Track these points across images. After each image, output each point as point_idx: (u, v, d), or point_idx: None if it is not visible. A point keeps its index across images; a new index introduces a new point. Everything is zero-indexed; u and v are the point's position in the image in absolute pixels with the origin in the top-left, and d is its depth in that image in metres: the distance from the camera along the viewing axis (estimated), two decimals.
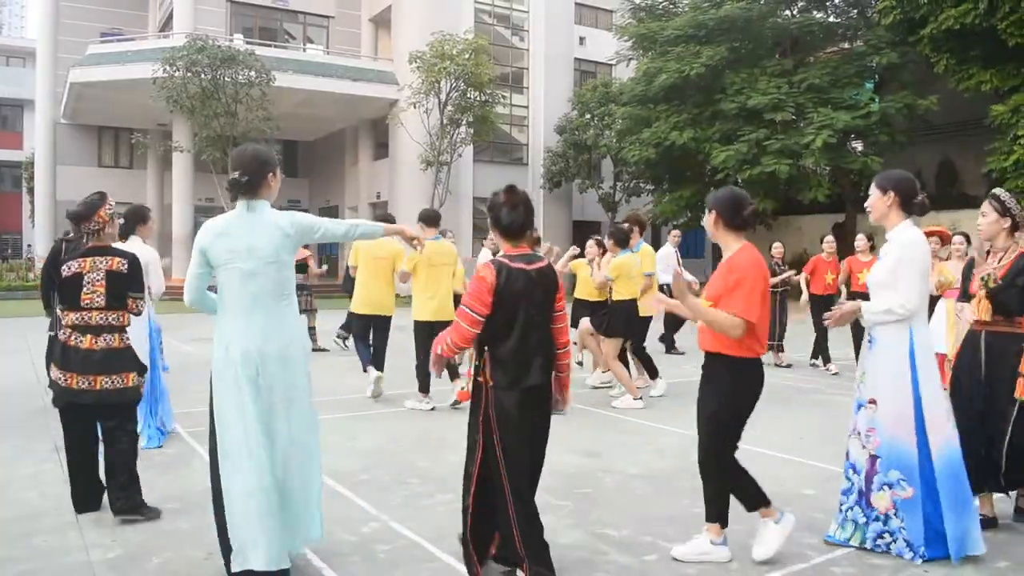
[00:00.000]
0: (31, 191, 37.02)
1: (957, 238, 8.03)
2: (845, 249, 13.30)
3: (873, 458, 4.19)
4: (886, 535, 4.12)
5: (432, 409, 7.88)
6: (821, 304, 10.69)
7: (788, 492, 5.18)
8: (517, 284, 3.61)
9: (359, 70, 30.01)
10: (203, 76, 23.33)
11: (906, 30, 23.68)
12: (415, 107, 25.82)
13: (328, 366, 10.88)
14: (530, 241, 4.38)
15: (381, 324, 8.79)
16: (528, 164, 33.00)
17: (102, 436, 4.66)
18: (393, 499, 5.01)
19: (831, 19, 28.05)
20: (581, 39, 34.61)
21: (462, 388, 7.38)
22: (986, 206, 4.65)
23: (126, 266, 4.69)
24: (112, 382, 4.54)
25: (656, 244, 38.75)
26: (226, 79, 23.58)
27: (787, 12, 27.82)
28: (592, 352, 9.53)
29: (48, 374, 4.89)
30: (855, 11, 27.95)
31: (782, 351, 11.50)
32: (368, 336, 8.86)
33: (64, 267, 4.62)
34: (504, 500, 3.57)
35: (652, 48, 28.32)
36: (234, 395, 3.64)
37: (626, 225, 8.96)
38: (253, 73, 23.84)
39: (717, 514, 4.10)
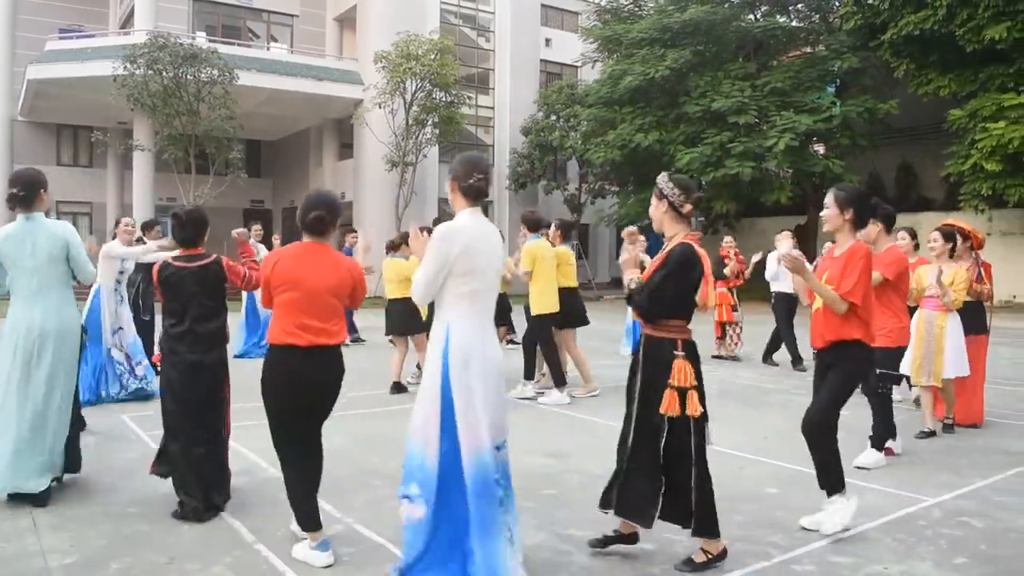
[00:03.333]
0: None
1: (901, 233, 8.00)
2: (807, 250, 13.44)
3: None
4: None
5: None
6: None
7: (751, 491, 5.22)
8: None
9: (324, 69, 29.79)
10: (165, 74, 23.00)
11: (867, 35, 24.10)
12: (380, 107, 25.70)
13: None
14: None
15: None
16: (494, 165, 32.98)
17: None
18: (356, 501, 4.97)
19: (794, 23, 28.41)
20: (547, 41, 34.68)
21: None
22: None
23: None
24: None
25: (621, 245, 38.97)
26: (188, 77, 23.27)
27: (751, 16, 28.15)
28: (576, 363, 9.32)
29: None
30: (817, 16, 28.35)
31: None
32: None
33: None
34: None
35: (617, 50, 28.52)
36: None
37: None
38: (216, 71, 23.54)
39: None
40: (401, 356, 9.09)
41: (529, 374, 8.86)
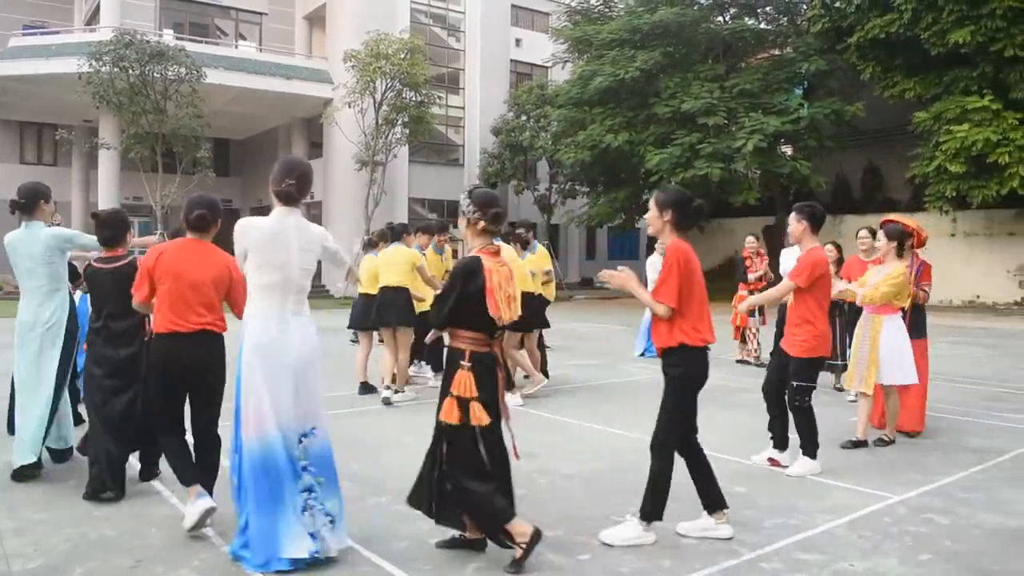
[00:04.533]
0: None
1: (862, 232, 7.98)
2: (776, 251, 13.55)
3: None
4: None
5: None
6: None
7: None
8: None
9: (293, 68, 29.59)
10: (131, 72, 22.70)
11: (834, 38, 24.40)
12: (350, 106, 25.57)
13: None
14: None
15: None
16: (464, 165, 32.98)
17: None
18: None
19: (762, 26, 28.68)
20: (517, 41, 34.72)
21: None
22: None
23: None
24: None
25: (592, 245, 39.11)
26: (155, 75, 22.99)
27: (720, 18, 28.37)
28: (521, 365, 9.28)
29: None
30: (785, 18, 28.63)
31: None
32: None
33: None
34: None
35: (588, 51, 28.61)
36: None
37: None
38: (183, 69, 23.28)
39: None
40: (364, 354, 9.03)
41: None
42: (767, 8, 28.58)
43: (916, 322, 6.95)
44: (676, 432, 4.36)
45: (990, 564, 4.06)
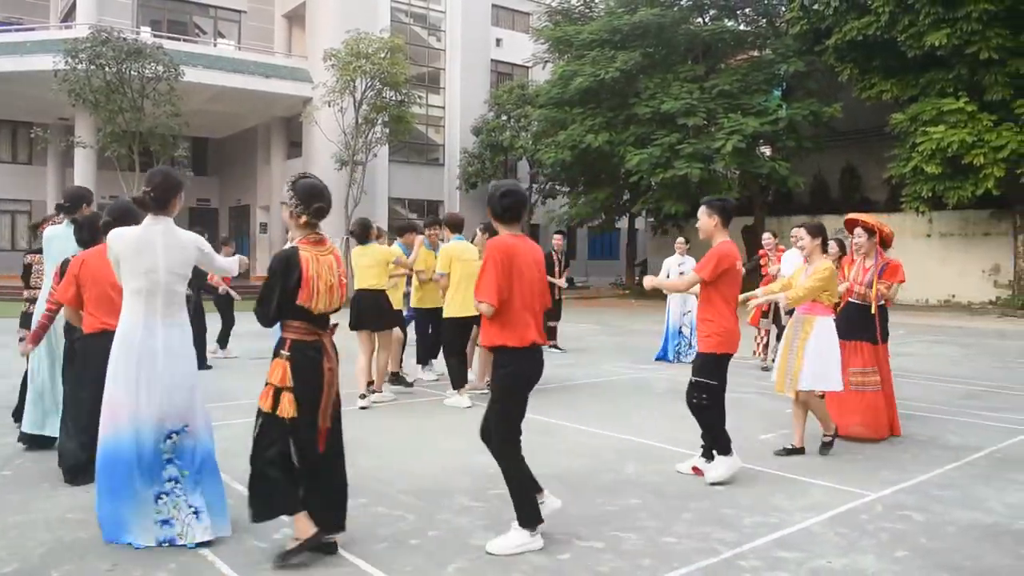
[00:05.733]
0: None
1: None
2: (755, 250, 13.63)
3: None
4: None
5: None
6: None
7: (698, 489, 5.27)
8: None
9: (272, 67, 29.43)
10: (108, 69, 22.46)
11: (812, 40, 24.58)
12: (329, 106, 25.44)
13: (240, 370, 10.65)
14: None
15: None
16: (444, 165, 32.93)
17: None
18: None
19: (741, 27, 28.85)
20: (498, 41, 34.71)
21: None
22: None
23: None
24: None
25: (571, 246, 39.15)
26: (132, 73, 22.77)
27: (699, 19, 28.49)
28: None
29: None
30: (764, 20, 28.80)
31: None
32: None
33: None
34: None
35: (568, 51, 28.65)
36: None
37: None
38: (161, 67, 23.08)
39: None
40: (367, 358, 8.89)
41: (457, 382, 8.45)
42: (746, 10, 28.75)
43: (884, 324, 6.91)
44: (513, 430, 4.26)
45: (963, 560, 4.10)
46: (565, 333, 14.14)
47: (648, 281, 5.90)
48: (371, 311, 8.20)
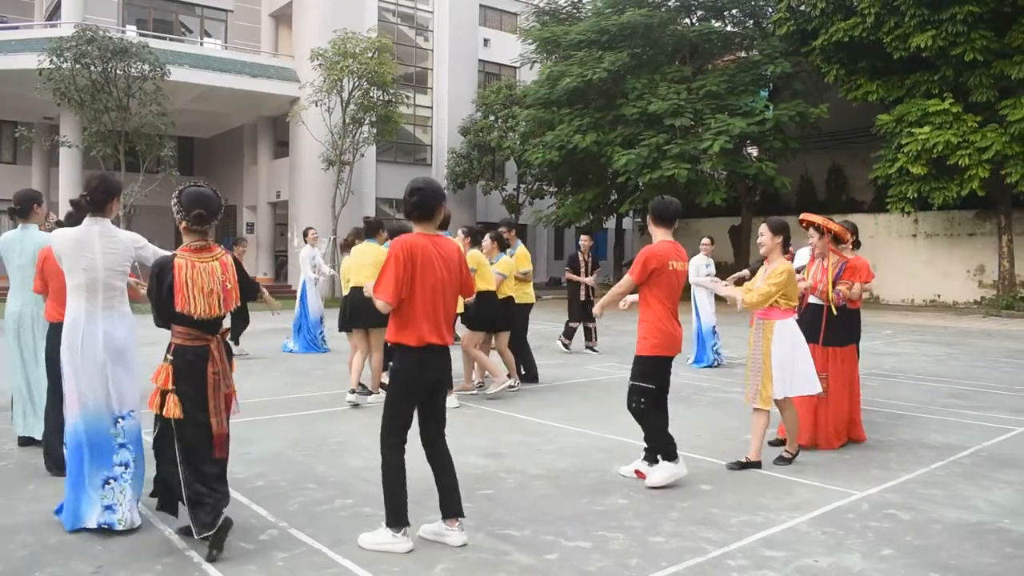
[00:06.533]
0: None
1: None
2: (743, 250, 13.66)
3: None
4: None
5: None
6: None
7: (685, 488, 5.28)
8: None
9: (258, 66, 29.31)
10: (93, 68, 22.30)
11: (799, 41, 24.70)
12: (317, 105, 25.36)
13: (244, 369, 10.60)
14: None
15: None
16: (432, 165, 32.90)
17: None
18: (291, 505, 4.89)
19: (728, 28, 28.92)
20: (485, 41, 34.71)
21: None
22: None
23: None
24: None
25: (560, 245, 39.21)
26: (118, 72, 22.61)
27: (687, 20, 28.58)
28: (483, 364, 9.22)
29: None
30: (751, 21, 28.90)
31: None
32: None
33: None
34: None
35: (556, 52, 28.68)
36: None
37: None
38: (147, 66, 22.92)
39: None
40: (362, 356, 8.87)
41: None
42: (733, 11, 28.83)
43: (847, 326, 6.61)
44: (395, 428, 4.19)
45: (949, 558, 4.12)
46: (555, 333, 14.16)
47: (597, 308, 5.88)
48: (364, 306, 8.17)
